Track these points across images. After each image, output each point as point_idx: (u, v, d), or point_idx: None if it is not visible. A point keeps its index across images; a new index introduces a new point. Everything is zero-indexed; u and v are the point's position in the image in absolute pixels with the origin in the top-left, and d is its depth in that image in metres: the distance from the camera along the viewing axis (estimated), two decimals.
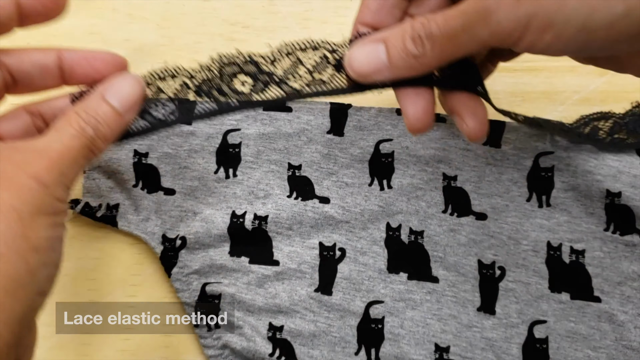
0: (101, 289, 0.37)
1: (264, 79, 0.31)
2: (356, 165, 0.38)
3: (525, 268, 0.37)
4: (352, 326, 0.36)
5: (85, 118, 0.28)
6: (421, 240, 0.37)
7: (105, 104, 0.29)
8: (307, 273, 0.37)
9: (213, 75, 0.31)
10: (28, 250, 0.24)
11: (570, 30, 0.24)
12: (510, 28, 0.24)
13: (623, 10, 0.23)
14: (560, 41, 0.24)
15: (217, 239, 0.37)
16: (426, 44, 0.26)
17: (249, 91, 0.31)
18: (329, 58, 0.30)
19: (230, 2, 0.42)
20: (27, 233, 0.25)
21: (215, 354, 0.36)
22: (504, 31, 0.24)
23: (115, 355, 0.37)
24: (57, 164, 0.26)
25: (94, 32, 0.41)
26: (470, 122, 0.29)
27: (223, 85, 0.31)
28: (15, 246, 0.24)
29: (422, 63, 0.27)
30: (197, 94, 0.31)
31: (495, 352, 0.36)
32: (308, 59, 0.31)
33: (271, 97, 0.30)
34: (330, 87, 0.30)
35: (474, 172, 0.38)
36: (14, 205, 0.24)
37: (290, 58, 0.31)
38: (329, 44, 0.30)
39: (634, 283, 0.36)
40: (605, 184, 0.37)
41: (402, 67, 0.27)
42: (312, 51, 0.30)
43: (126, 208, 0.37)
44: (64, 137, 0.27)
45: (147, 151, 0.38)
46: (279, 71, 0.31)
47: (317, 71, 0.30)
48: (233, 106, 0.31)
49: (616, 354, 0.35)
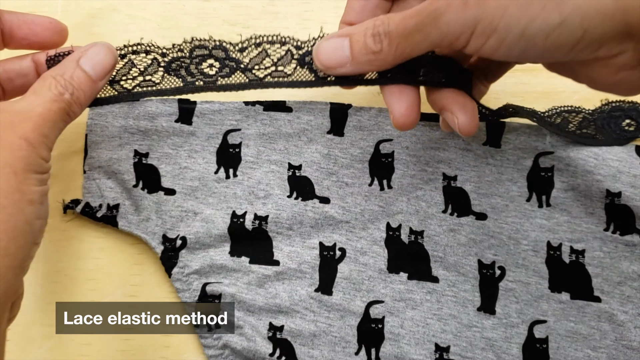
0: (101, 289, 0.37)
1: (231, 65, 0.32)
2: (356, 165, 0.38)
3: (525, 268, 0.37)
4: (352, 326, 0.36)
5: (63, 84, 0.30)
6: (421, 240, 0.37)
7: (80, 70, 0.31)
8: (307, 273, 0.37)
9: (183, 56, 0.33)
10: (24, 202, 0.27)
11: (511, 36, 0.25)
12: (458, 31, 0.26)
13: (558, 21, 0.24)
14: (503, 46, 0.26)
15: (217, 239, 0.37)
16: (384, 41, 0.28)
17: (215, 74, 0.33)
18: (294, 53, 0.32)
19: (231, 3, 0.42)
20: (22, 187, 0.27)
21: (216, 354, 0.36)
22: (452, 33, 0.26)
23: (116, 355, 0.37)
24: (40, 126, 0.28)
25: (94, 32, 0.41)
26: (461, 116, 0.30)
27: (192, 66, 0.33)
28: (14, 199, 0.26)
29: (381, 59, 0.29)
30: (166, 70, 0.33)
31: (495, 352, 0.36)
32: (274, 52, 0.32)
33: (235, 82, 0.32)
34: (291, 80, 0.32)
35: (474, 172, 0.38)
36: (9, 162, 0.27)
37: (257, 49, 0.32)
38: (295, 41, 0.32)
39: (634, 283, 0.36)
40: (605, 184, 0.37)
41: (363, 62, 0.29)
42: (280, 45, 0.32)
43: (126, 208, 0.37)
44: (45, 101, 0.29)
45: (148, 151, 0.38)
46: (246, 60, 0.32)
47: (281, 64, 0.32)
48: (197, 87, 0.33)
49: (616, 353, 0.35)
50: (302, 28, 0.42)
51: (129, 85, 0.34)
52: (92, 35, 0.40)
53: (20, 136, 0.28)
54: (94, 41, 0.32)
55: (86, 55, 0.31)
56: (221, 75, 0.33)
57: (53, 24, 0.34)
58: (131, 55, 0.33)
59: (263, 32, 0.41)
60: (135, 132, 0.38)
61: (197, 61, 0.33)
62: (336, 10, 0.36)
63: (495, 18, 0.25)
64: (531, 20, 0.25)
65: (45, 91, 0.30)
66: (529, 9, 0.24)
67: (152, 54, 0.33)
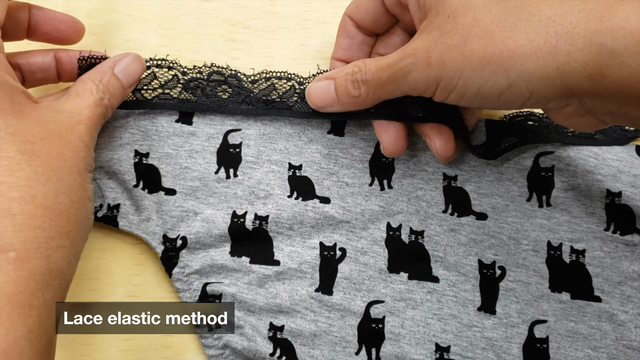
0: (102, 289, 0.37)
1: (243, 93, 0.37)
2: (357, 165, 0.38)
3: (526, 268, 0.37)
4: (352, 326, 0.36)
5: (102, 89, 0.33)
6: (421, 240, 0.38)
7: (115, 78, 0.34)
8: (307, 273, 0.37)
9: (201, 77, 0.37)
10: (86, 199, 0.31)
11: (469, 93, 0.29)
12: (424, 86, 0.30)
13: (507, 85, 0.27)
14: (464, 100, 0.30)
15: (217, 239, 0.37)
16: (362, 88, 0.32)
17: (227, 98, 0.37)
18: (297, 88, 0.37)
19: (231, 3, 0.42)
20: (85, 185, 0.31)
21: (216, 354, 0.36)
22: (419, 87, 0.30)
23: (116, 355, 0.37)
24: (90, 128, 0.32)
25: (94, 32, 0.41)
26: (437, 141, 0.35)
27: (207, 88, 0.37)
28: (80, 195, 0.30)
29: (361, 102, 0.33)
30: (184, 87, 0.37)
31: (495, 351, 0.36)
32: (280, 86, 0.37)
33: (244, 108, 0.37)
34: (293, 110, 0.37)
35: (474, 172, 0.38)
36: (75, 162, 0.30)
37: (267, 82, 0.37)
38: (299, 77, 0.37)
39: (634, 283, 0.36)
40: (606, 184, 0.37)
41: (347, 103, 0.34)
42: (286, 81, 0.37)
43: (127, 208, 0.37)
44: (90, 105, 0.32)
45: (148, 151, 0.38)
46: (256, 90, 0.37)
47: (285, 97, 0.37)
48: (210, 107, 0.37)
49: (617, 353, 0.35)
50: (303, 28, 0.42)
51: (149, 95, 0.37)
52: (92, 36, 0.40)
53: (77, 136, 0.31)
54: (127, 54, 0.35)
55: (120, 64, 0.34)
56: (232, 101, 0.37)
57: (75, 23, 0.36)
58: (155, 68, 0.37)
59: (263, 32, 0.41)
60: (135, 132, 0.38)
61: (213, 85, 0.37)
62: (336, 10, 0.36)
63: (454, 79, 0.29)
64: (484, 82, 0.28)
65: (88, 94, 0.32)
66: (481, 72, 0.28)
67: (174, 70, 0.37)
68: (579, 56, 0.25)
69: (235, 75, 0.37)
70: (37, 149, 0.28)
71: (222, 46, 0.41)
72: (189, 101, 0.37)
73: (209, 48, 0.41)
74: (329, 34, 0.40)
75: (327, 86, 0.34)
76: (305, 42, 0.41)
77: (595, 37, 0.25)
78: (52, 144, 0.29)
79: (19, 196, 0.27)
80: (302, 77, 0.37)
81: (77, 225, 0.29)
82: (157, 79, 0.37)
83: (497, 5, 0.27)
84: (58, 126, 0.30)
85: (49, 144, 0.29)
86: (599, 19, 0.25)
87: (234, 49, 0.41)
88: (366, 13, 0.35)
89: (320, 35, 0.41)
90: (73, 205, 0.29)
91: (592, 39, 0.25)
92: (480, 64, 0.27)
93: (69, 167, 0.29)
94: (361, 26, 0.36)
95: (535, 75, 0.27)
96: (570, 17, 0.26)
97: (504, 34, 0.27)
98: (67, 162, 0.29)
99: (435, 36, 0.29)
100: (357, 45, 0.36)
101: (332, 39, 0.38)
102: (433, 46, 0.29)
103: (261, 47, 0.41)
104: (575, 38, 0.25)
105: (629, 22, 0.24)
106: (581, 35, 0.25)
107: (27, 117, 0.29)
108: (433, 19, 0.29)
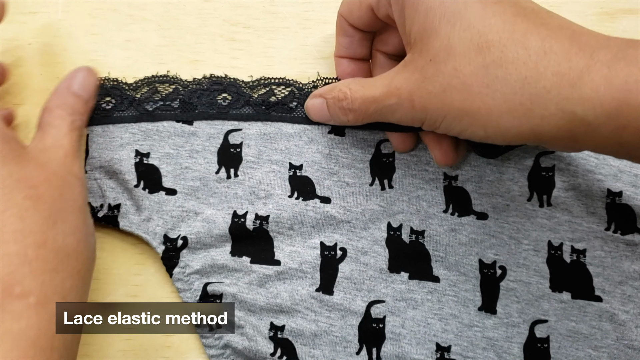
0: (103, 289, 0.37)
1: (242, 99, 0.38)
2: (357, 165, 0.38)
3: (526, 267, 0.37)
4: (353, 326, 0.36)
5: (70, 112, 0.33)
6: (422, 239, 0.38)
7: (76, 97, 0.34)
8: (308, 273, 0.37)
9: (201, 88, 0.38)
10: (90, 235, 0.31)
11: (450, 133, 0.30)
12: (410, 122, 0.32)
13: (484, 136, 0.29)
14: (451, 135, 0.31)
15: (218, 239, 0.37)
16: (349, 115, 0.34)
17: (227, 105, 0.38)
18: (296, 94, 0.38)
19: (231, 3, 0.42)
20: (87, 221, 0.31)
21: (217, 354, 0.36)
22: (406, 122, 0.32)
23: (117, 355, 0.37)
24: (74, 156, 0.32)
25: (94, 32, 0.41)
26: (436, 151, 0.36)
27: (207, 98, 0.38)
28: (84, 233, 0.30)
29: (352, 124, 0.35)
30: (185, 98, 0.38)
31: (496, 351, 0.36)
32: (280, 92, 0.38)
33: (245, 113, 0.38)
34: (293, 115, 0.38)
35: (475, 172, 0.38)
36: (74, 200, 0.30)
37: (266, 88, 0.38)
38: (298, 83, 0.38)
39: (635, 282, 0.36)
40: (606, 183, 0.37)
41: (339, 123, 0.35)
42: (285, 87, 0.38)
43: (127, 208, 0.37)
44: (66, 133, 0.32)
45: (149, 151, 0.38)
46: (255, 96, 0.38)
47: (285, 103, 0.38)
48: (210, 114, 0.38)
49: (617, 353, 0.35)
50: (303, 28, 0.42)
51: (150, 107, 0.38)
52: (92, 36, 0.40)
53: (70, 173, 0.31)
54: (77, 69, 0.35)
55: (76, 81, 0.35)
56: (232, 107, 0.38)
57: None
58: (157, 83, 0.38)
59: (264, 32, 0.41)
60: (136, 132, 0.38)
61: (213, 94, 0.38)
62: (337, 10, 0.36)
63: (437, 121, 0.30)
64: (462, 130, 0.29)
65: (60, 122, 0.33)
66: (460, 122, 0.29)
67: (175, 84, 0.38)
68: (552, 121, 0.26)
69: (234, 83, 0.38)
70: (40, 193, 0.29)
71: (222, 46, 0.41)
72: (189, 111, 0.38)
73: (210, 48, 0.41)
74: (330, 34, 0.40)
75: (321, 105, 0.35)
76: (305, 42, 0.41)
77: (567, 105, 0.25)
78: (53, 186, 0.30)
79: (33, 242, 0.27)
80: (301, 83, 0.38)
81: (86, 264, 0.30)
82: (159, 92, 0.38)
83: (476, 57, 0.27)
84: (53, 166, 0.30)
85: (50, 186, 0.29)
86: (571, 85, 0.25)
87: (234, 49, 0.41)
88: (359, 20, 0.35)
89: (320, 35, 0.41)
90: (79, 244, 0.30)
91: (564, 106, 0.26)
92: (459, 115, 0.28)
93: (70, 206, 0.30)
94: (356, 27, 0.36)
95: (511, 132, 0.28)
96: (543, 81, 0.26)
97: (482, 90, 0.27)
98: (68, 202, 0.30)
99: (418, 80, 0.29)
100: (357, 42, 0.37)
101: (333, 38, 0.38)
102: (416, 90, 0.30)
103: (261, 47, 0.41)
104: (548, 104, 0.26)
105: (598, 93, 0.25)
106: (554, 102, 0.26)
107: (27, 163, 0.29)
108: (417, 58, 0.30)
